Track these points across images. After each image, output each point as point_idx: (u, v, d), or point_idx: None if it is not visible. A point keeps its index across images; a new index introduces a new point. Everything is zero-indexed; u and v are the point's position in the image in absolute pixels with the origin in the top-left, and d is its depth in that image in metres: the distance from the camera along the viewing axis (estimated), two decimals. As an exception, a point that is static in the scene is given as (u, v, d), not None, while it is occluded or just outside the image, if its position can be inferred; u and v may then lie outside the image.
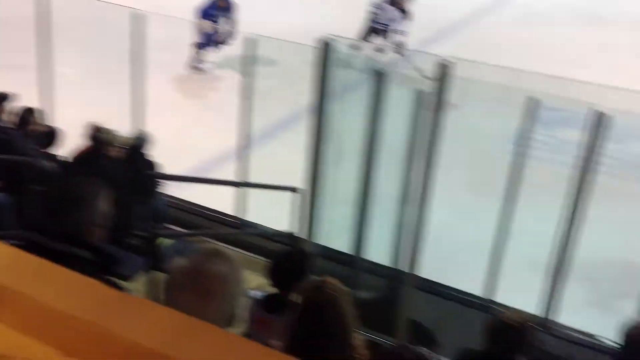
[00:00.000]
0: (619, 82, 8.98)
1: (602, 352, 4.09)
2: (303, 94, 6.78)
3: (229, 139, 6.36)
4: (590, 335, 4.58)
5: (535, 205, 6.00)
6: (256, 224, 5.52)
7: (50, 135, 5.46)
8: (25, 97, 5.74)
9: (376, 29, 9.94)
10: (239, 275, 2.10)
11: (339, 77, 5.01)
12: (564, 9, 13.02)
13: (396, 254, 4.91)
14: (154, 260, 3.98)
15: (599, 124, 4.28)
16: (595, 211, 4.76)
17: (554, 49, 10.93)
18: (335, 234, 4.94)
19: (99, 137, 4.84)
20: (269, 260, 3.46)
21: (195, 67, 9.50)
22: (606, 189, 5.84)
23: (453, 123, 7.33)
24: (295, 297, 2.48)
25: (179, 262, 2.31)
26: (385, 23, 9.79)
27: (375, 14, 9.83)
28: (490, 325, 2.83)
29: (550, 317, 4.61)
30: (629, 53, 10.86)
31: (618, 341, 2.81)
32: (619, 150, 7.36)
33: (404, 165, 4.93)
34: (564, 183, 4.71)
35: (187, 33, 9.53)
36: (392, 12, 9.74)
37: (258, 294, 3.47)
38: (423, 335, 4.28)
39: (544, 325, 4.57)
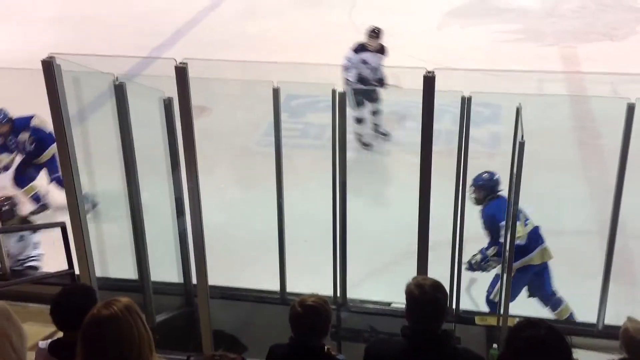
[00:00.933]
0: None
1: (399, 316, 4.32)
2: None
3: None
4: (386, 304, 4.84)
5: (303, 189, 6.29)
6: (27, 270, 5.11)
7: None
8: None
9: (366, 90, 8.04)
10: (15, 328, 1.95)
11: (78, 96, 4.77)
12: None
13: (183, 267, 4.84)
14: None
15: (338, 102, 4.47)
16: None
17: (282, 37, 11.42)
18: (116, 262, 4.75)
19: None
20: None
21: None
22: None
23: (206, 125, 7.44)
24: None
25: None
26: (376, 79, 8.02)
27: (358, 74, 7.89)
28: (291, 314, 2.89)
29: (346, 295, 4.79)
30: (346, 31, 11.65)
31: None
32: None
33: (169, 176, 4.87)
34: (323, 164, 4.95)
35: None
36: (373, 58, 7.92)
37: (43, 343, 3.26)
38: (227, 342, 4.28)
39: (341, 303, 4.75)
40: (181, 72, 3.97)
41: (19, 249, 5.58)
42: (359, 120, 8.01)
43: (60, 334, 3.28)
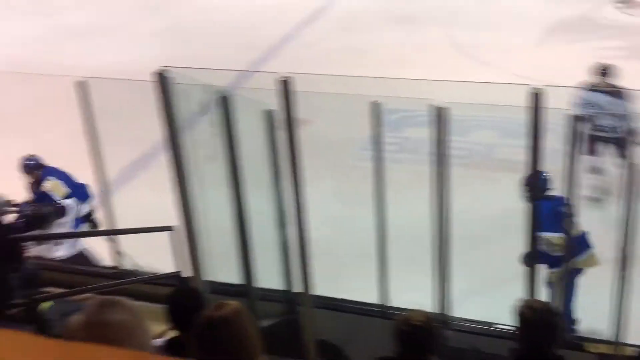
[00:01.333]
0: (443, 77, 9.69)
1: (502, 337, 4.19)
2: (154, 131, 6.70)
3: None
4: (489, 324, 4.76)
5: (403, 204, 6.30)
6: (138, 270, 5.36)
7: None
8: None
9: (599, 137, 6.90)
10: (141, 323, 2.06)
11: (185, 107, 4.99)
12: (375, 11, 13.68)
13: (287, 276, 4.95)
14: (40, 327, 3.77)
15: (439, 118, 4.48)
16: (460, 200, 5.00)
17: (379, 52, 11.50)
18: (221, 267, 4.90)
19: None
20: (161, 306, 3.42)
21: None
22: (464, 178, 6.24)
23: (307, 138, 7.57)
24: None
25: (74, 320, 2.23)
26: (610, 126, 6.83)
27: (591, 116, 6.70)
28: (397, 329, 2.89)
29: (447, 312, 4.73)
30: (443, 48, 11.65)
31: (513, 324, 2.94)
32: (463, 141, 7.94)
33: (273, 186, 5.00)
34: (423, 179, 4.95)
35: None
36: (612, 102, 6.76)
37: (158, 341, 3.42)
38: (331, 352, 4.32)
39: (443, 320, 4.69)
40: (285, 86, 4.08)
41: None
42: (597, 170, 6.97)
43: (171, 333, 3.46)
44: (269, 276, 4.90)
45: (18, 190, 5.98)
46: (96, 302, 2.02)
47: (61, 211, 5.77)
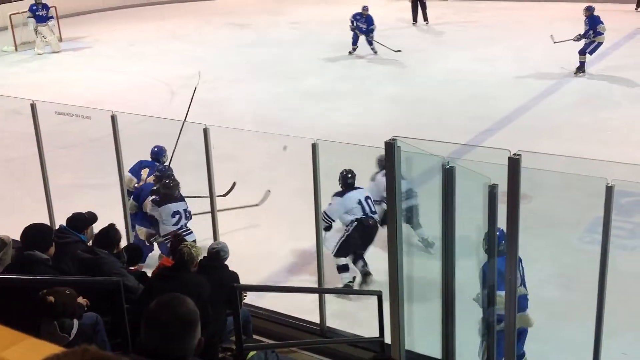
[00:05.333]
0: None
1: None
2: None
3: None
4: None
5: (626, 297, 5.81)
6: (342, 331, 5.49)
7: (135, 252, 5.65)
8: (102, 215, 5.97)
9: None
10: None
11: (408, 174, 5.09)
12: (621, 89, 13.01)
13: (488, 356, 4.79)
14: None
15: None
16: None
17: (617, 131, 10.87)
18: (422, 338, 4.86)
19: (182, 252, 4.97)
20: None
21: None
22: None
23: (526, 212, 7.32)
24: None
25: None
26: None
27: None
28: None
29: None
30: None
31: None
32: None
33: (486, 262, 4.88)
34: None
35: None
36: None
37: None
38: None
39: None
40: (514, 164, 4.01)
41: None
42: None
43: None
44: (469, 354, 4.75)
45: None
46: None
47: None
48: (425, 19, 19.68)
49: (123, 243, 5.44)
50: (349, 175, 7.18)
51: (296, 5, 24.26)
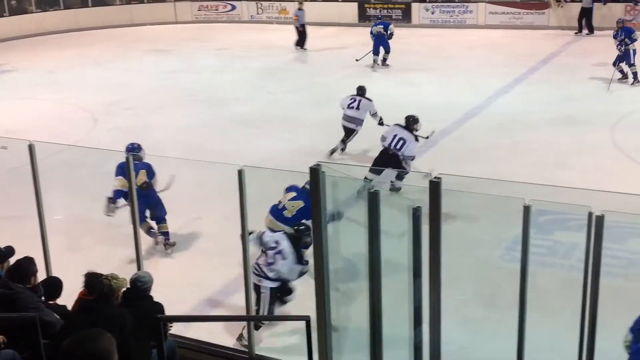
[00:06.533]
0: (601, 181, 9.27)
1: None
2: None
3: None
4: None
5: (548, 312, 5.97)
6: (271, 358, 5.43)
7: (52, 286, 5.45)
8: (19, 248, 5.76)
9: None
10: None
11: (332, 199, 5.11)
12: (538, 112, 13.49)
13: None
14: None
15: (594, 224, 4.28)
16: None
17: (536, 152, 11.25)
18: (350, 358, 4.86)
19: (102, 284, 4.83)
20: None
21: None
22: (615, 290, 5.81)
23: (449, 233, 7.46)
24: None
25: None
26: None
27: None
28: None
29: None
30: (603, 150, 11.18)
31: None
32: (619, 249, 7.45)
33: (411, 284, 4.93)
34: (570, 287, 4.69)
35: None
36: None
37: None
38: None
39: None
40: (435, 187, 4.08)
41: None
42: None
43: None
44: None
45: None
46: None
47: None
48: (300, 45, 20.23)
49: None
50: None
51: (220, 31, 24.29)
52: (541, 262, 7.45)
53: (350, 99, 11.45)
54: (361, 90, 11.65)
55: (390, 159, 9.42)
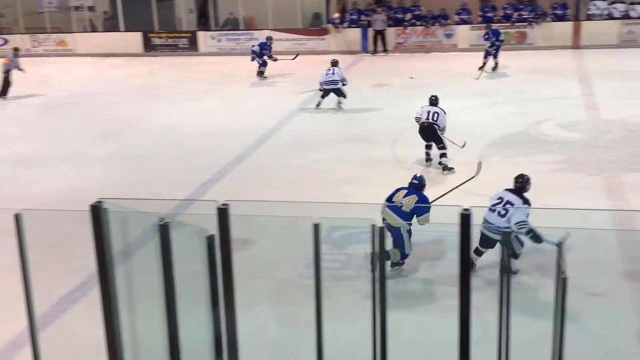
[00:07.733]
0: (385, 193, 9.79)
1: None
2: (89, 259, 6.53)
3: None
4: None
5: (344, 322, 6.16)
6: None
7: None
8: None
9: None
10: None
11: (123, 236, 4.91)
12: (325, 133, 14.01)
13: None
14: None
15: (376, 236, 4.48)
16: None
17: (327, 170, 11.66)
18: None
19: None
20: None
21: None
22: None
23: (247, 257, 7.53)
24: None
25: None
26: None
27: None
28: None
29: None
30: (387, 165, 11.92)
31: None
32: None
33: (209, 312, 4.86)
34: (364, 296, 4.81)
35: None
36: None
37: None
38: None
39: None
40: (223, 214, 4.09)
41: None
42: None
43: None
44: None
45: None
46: None
47: None
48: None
49: None
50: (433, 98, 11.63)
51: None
52: (337, 276, 7.71)
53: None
54: None
55: (430, 133, 11.30)
